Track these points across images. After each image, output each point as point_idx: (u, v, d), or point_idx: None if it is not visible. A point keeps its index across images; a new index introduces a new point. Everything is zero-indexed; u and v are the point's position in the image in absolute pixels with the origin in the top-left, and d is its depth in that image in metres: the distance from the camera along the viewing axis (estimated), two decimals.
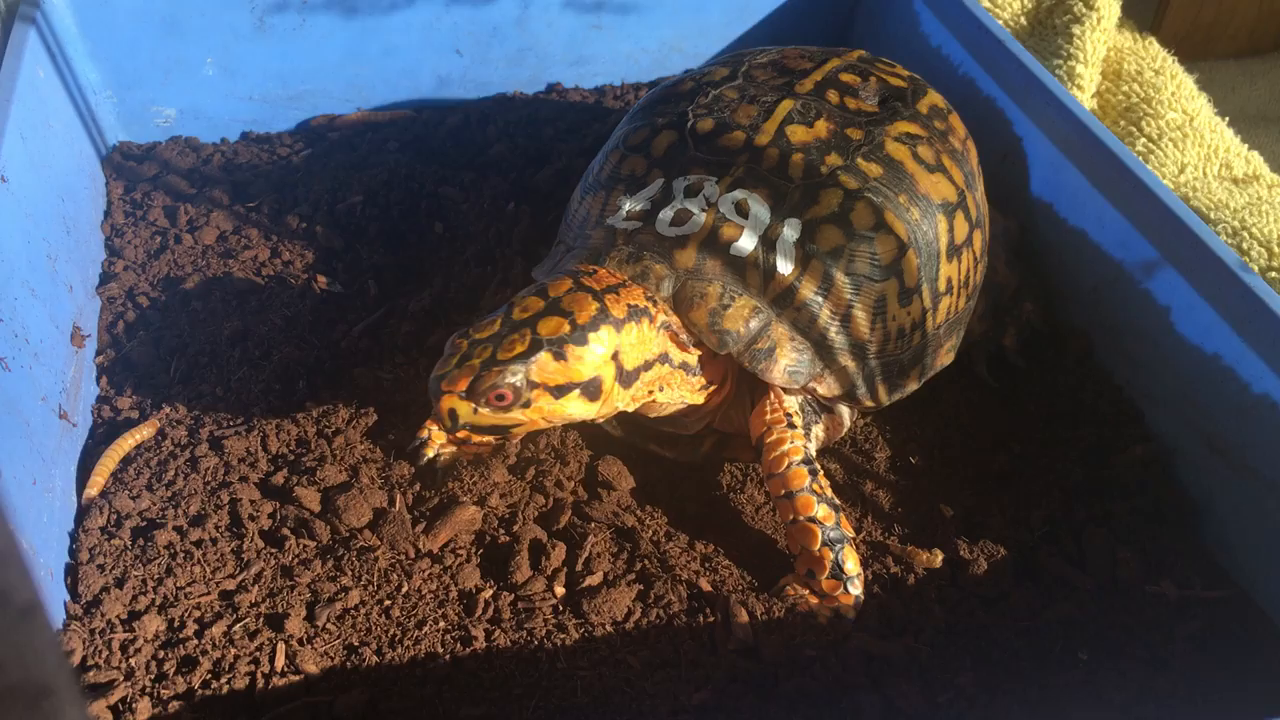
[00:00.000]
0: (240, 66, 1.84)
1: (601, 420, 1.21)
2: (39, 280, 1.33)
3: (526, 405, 1.10)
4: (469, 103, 1.95)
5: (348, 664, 1.08)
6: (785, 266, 1.19)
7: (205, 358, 1.41)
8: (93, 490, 1.22)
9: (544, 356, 1.09)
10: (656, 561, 1.19)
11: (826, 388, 1.24)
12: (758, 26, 2.04)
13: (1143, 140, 1.77)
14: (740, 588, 1.18)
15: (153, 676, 1.06)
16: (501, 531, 1.22)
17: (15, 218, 1.33)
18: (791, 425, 1.21)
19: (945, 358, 1.34)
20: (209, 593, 1.13)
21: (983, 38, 1.70)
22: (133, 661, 1.06)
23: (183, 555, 1.16)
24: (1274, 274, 1.45)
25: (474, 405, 1.09)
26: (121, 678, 1.05)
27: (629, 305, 1.15)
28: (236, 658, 1.08)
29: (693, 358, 1.22)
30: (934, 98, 1.39)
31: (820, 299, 1.21)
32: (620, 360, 1.14)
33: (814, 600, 1.16)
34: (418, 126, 1.89)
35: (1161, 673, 1.10)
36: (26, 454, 1.15)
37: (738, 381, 1.29)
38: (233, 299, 1.51)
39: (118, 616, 1.10)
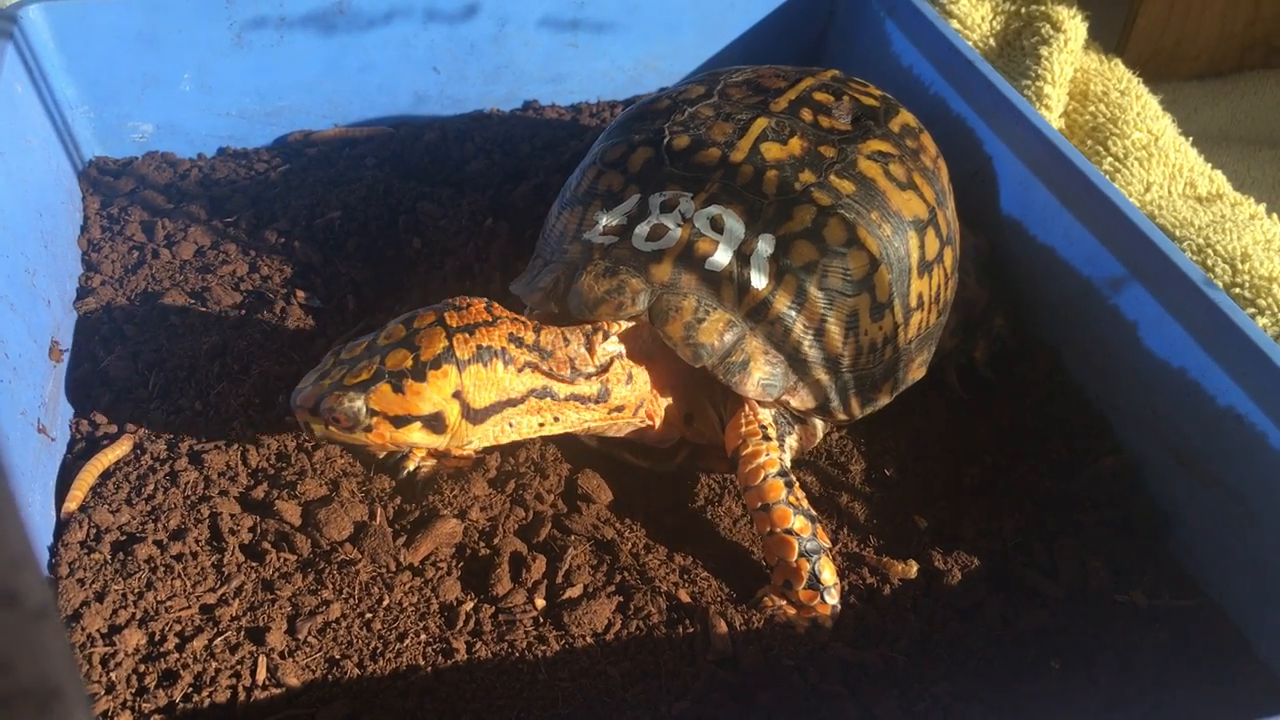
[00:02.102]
0: (218, 82, 1.84)
1: (462, 448, 1.23)
2: (17, 295, 1.33)
3: (369, 430, 1.14)
4: (446, 119, 1.97)
5: (329, 677, 1.09)
6: (759, 281, 1.21)
7: (184, 372, 1.41)
8: (72, 505, 1.22)
9: (384, 388, 1.13)
10: (636, 573, 1.20)
11: (800, 400, 1.25)
12: (731, 46, 2.07)
13: (1109, 159, 1.80)
14: (719, 599, 1.20)
15: (133, 690, 1.06)
16: (482, 544, 1.23)
17: None
18: (766, 438, 1.23)
19: (917, 372, 1.36)
20: (189, 606, 1.13)
21: (953, 58, 1.73)
22: (113, 675, 1.06)
23: (163, 569, 1.16)
24: (1238, 290, 1.48)
25: (324, 422, 1.13)
26: (102, 691, 1.05)
27: (479, 346, 1.16)
28: (218, 671, 1.08)
29: (589, 388, 1.22)
30: (905, 117, 1.41)
31: (794, 313, 1.22)
32: (466, 399, 1.15)
33: (791, 611, 1.17)
34: (395, 143, 1.90)
35: (1131, 680, 1.12)
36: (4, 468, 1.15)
37: (705, 396, 1.30)
38: (211, 314, 1.52)
39: (98, 630, 1.10)
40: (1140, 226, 1.35)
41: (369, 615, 1.14)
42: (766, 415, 1.26)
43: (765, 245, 1.22)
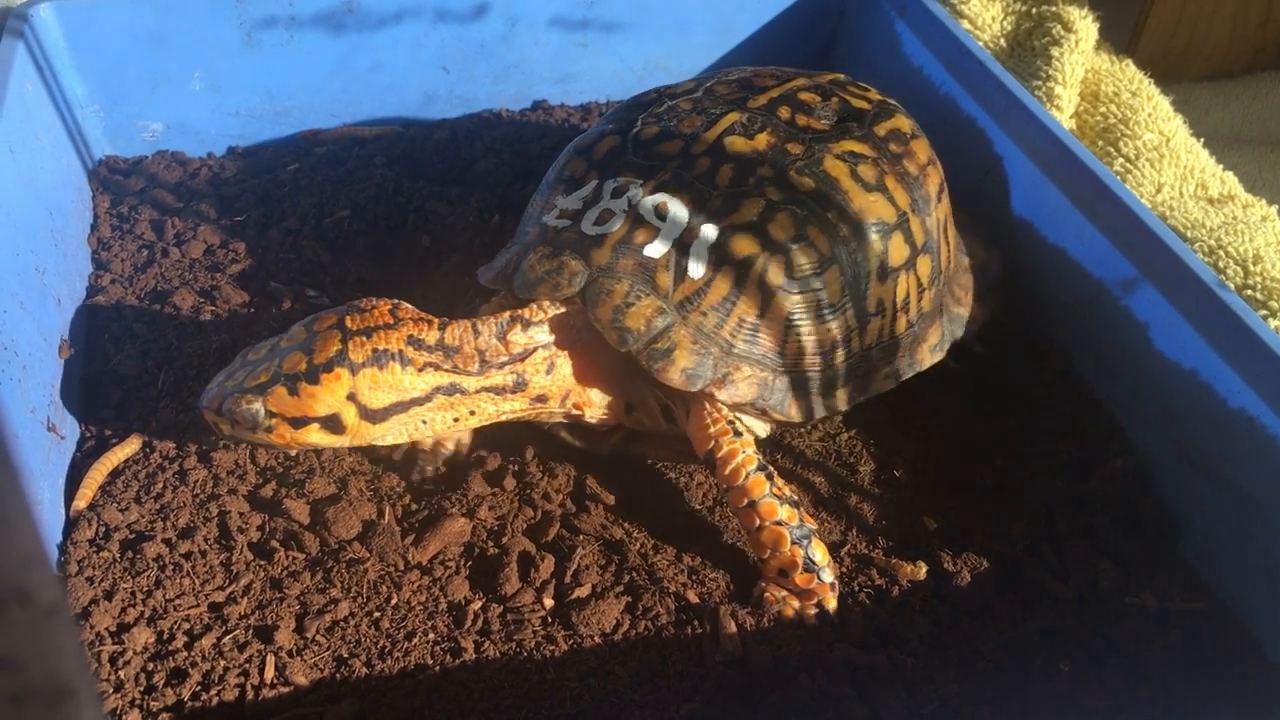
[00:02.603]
0: (227, 81, 1.85)
1: (364, 444, 1.22)
2: (28, 293, 1.33)
3: (269, 431, 1.15)
4: (456, 119, 1.97)
5: (337, 675, 1.09)
6: (696, 270, 1.21)
7: (193, 370, 1.41)
8: (81, 503, 1.22)
9: (280, 390, 1.14)
10: (644, 573, 1.20)
11: (728, 395, 1.22)
12: (741, 46, 2.07)
13: (1120, 160, 1.79)
14: (728, 599, 1.19)
15: (142, 688, 1.06)
16: (490, 543, 1.23)
17: (4, 231, 1.33)
18: (737, 434, 1.22)
19: (883, 383, 1.34)
20: (198, 605, 1.13)
21: (963, 59, 1.72)
22: (122, 674, 1.07)
23: (172, 567, 1.16)
24: (1250, 292, 1.47)
25: (229, 422, 1.15)
26: (111, 689, 1.05)
27: (375, 350, 1.16)
28: (226, 669, 1.08)
29: (502, 378, 1.21)
30: (899, 122, 1.39)
31: (729, 306, 1.21)
32: (361, 400, 1.16)
33: (795, 602, 1.17)
34: (405, 142, 1.90)
35: (1141, 683, 1.12)
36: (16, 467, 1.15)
37: (646, 386, 1.29)
38: (220, 313, 1.52)
39: (107, 629, 1.10)
40: (1152, 227, 1.35)
41: (377, 614, 1.14)
42: (728, 410, 1.24)
43: (707, 236, 1.21)
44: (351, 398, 1.16)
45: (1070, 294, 1.48)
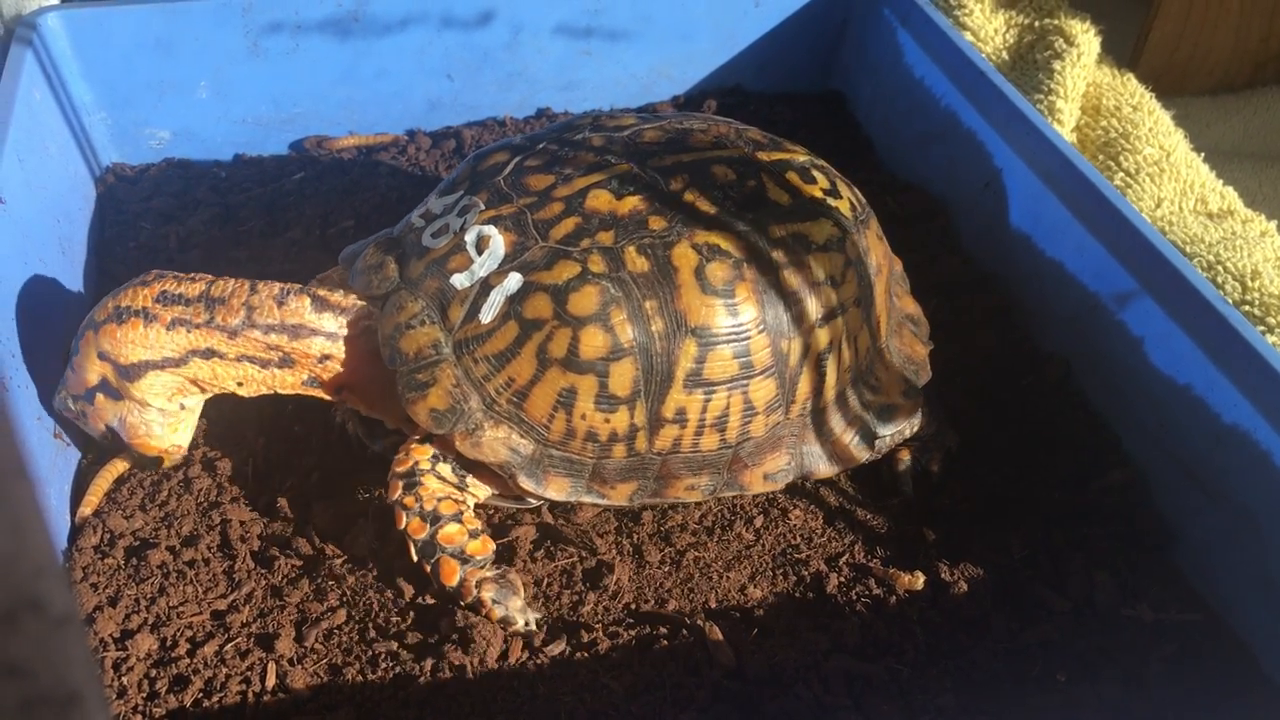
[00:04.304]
0: (233, 89, 1.86)
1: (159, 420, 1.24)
2: (35, 301, 1.34)
3: (85, 416, 1.23)
4: (460, 126, 1.98)
5: (335, 684, 1.10)
6: (486, 315, 1.15)
7: None
8: (87, 510, 1.23)
9: (66, 373, 1.23)
10: (638, 586, 1.21)
11: (471, 448, 1.16)
12: (743, 55, 2.08)
13: (1121, 175, 1.80)
14: (724, 612, 1.20)
15: (145, 695, 1.07)
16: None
17: (12, 238, 1.34)
18: (421, 473, 1.19)
19: (685, 493, 1.23)
20: (201, 612, 1.14)
21: (966, 69, 1.73)
22: (125, 680, 1.08)
23: (175, 575, 1.17)
24: (1248, 307, 1.48)
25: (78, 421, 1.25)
26: (114, 696, 1.06)
27: (117, 306, 1.19)
28: (228, 677, 1.09)
29: (260, 348, 1.19)
30: (815, 229, 1.22)
31: (502, 362, 1.15)
32: (111, 356, 1.18)
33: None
34: (410, 150, 1.91)
35: (1137, 695, 1.12)
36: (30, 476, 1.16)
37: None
38: None
39: (110, 635, 1.11)
40: (1152, 241, 1.35)
41: (370, 623, 1.15)
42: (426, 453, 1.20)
43: (510, 284, 1.15)
44: (103, 356, 1.18)
45: (1069, 306, 1.49)
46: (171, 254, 1.64)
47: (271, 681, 1.09)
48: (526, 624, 1.16)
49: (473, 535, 1.18)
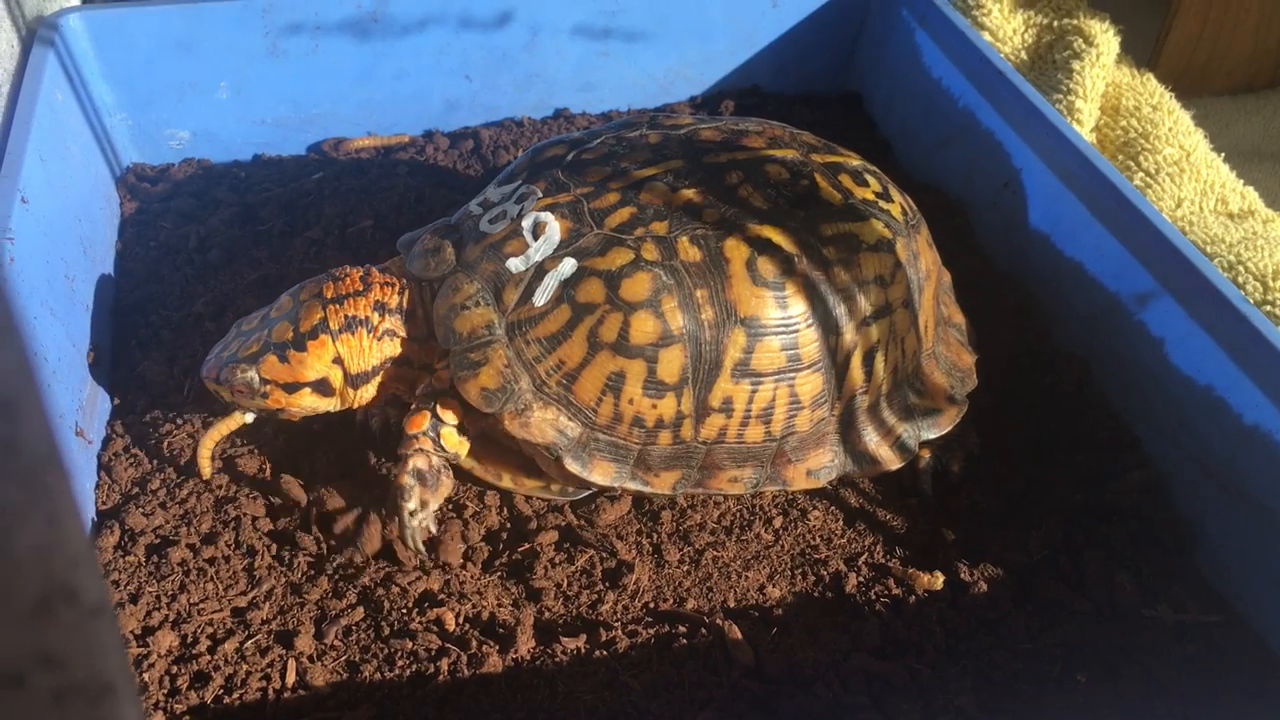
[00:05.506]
0: (253, 89, 1.87)
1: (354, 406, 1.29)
2: (57, 300, 1.35)
3: (266, 396, 1.22)
4: (478, 127, 1.98)
5: (354, 681, 1.10)
6: (540, 298, 1.18)
7: None
8: (204, 473, 1.27)
9: (271, 359, 1.21)
10: (658, 585, 1.21)
11: (520, 427, 1.18)
12: (761, 55, 2.08)
13: (1140, 175, 1.80)
14: (743, 612, 1.20)
15: (166, 691, 1.08)
16: (493, 551, 1.24)
17: (35, 238, 1.35)
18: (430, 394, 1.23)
19: (728, 485, 1.24)
20: (221, 609, 1.15)
21: (985, 70, 1.73)
22: (146, 677, 1.08)
23: (196, 572, 1.18)
24: (1269, 307, 1.47)
25: (228, 390, 1.22)
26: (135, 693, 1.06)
27: (347, 316, 1.23)
28: (249, 674, 1.09)
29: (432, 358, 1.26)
30: (865, 228, 1.24)
31: (553, 344, 1.17)
32: (345, 364, 1.24)
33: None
34: (428, 150, 1.91)
35: (1157, 696, 1.12)
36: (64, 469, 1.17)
37: None
38: None
39: (132, 632, 1.12)
40: (1172, 240, 1.35)
41: (388, 621, 1.15)
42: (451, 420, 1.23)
43: (565, 269, 1.17)
44: (337, 361, 1.22)
45: (1088, 305, 1.48)
46: (191, 253, 1.65)
47: (291, 678, 1.09)
48: (417, 517, 1.18)
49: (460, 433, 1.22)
